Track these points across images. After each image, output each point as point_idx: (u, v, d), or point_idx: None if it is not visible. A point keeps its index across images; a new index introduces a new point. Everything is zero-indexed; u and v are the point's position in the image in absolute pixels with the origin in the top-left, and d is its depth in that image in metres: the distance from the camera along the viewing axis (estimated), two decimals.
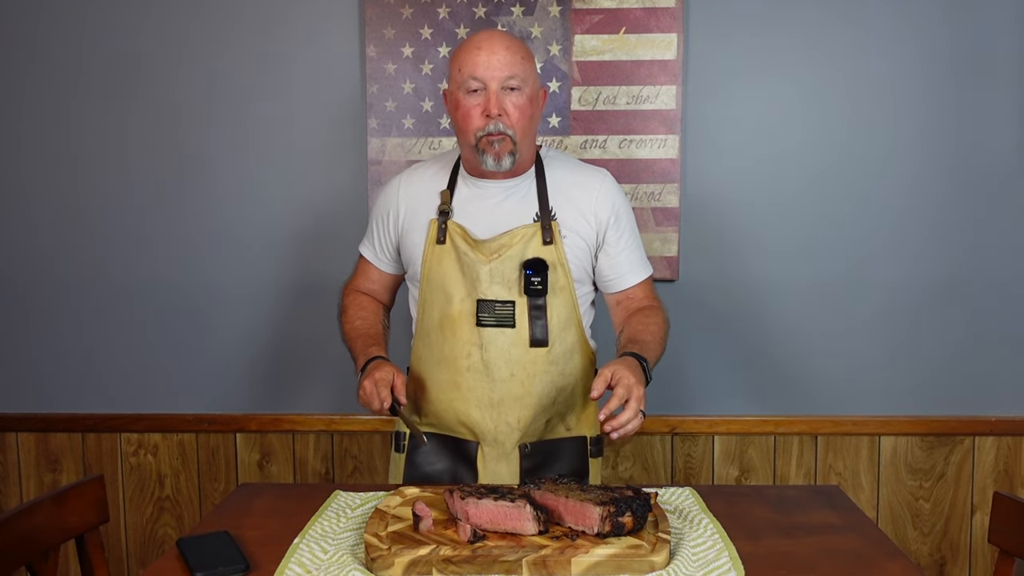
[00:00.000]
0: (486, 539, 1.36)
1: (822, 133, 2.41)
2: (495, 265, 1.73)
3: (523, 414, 1.76)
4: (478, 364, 1.75)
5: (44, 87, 2.46)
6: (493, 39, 1.71)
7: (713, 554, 1.37)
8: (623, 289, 1.84)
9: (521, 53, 1.71)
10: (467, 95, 1.70)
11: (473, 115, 1.70)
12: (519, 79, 1.69)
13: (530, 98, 1.72)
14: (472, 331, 1.75)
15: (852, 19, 2.37)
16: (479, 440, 1.79)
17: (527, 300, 1.74)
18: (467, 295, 1.75)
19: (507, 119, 1.69)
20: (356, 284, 1.95)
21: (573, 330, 1.79)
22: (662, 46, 2.37)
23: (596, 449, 1.86)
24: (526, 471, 1.78)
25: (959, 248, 2.43)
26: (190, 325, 2.51)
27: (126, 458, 2.55)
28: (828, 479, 2.49)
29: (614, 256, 1.81)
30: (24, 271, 2.52)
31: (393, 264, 1.91)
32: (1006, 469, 2.48)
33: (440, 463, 1.83)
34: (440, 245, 1.76)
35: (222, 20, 2.43)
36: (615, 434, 1.53)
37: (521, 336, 1.74)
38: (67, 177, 2.49)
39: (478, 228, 1.76)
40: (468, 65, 1.69)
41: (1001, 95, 2.38)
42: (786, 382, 2.48)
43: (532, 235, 1.74)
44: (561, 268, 1.75)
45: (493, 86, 1.68)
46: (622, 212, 1.82)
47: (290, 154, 2.46)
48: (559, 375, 1.78)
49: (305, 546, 1.41)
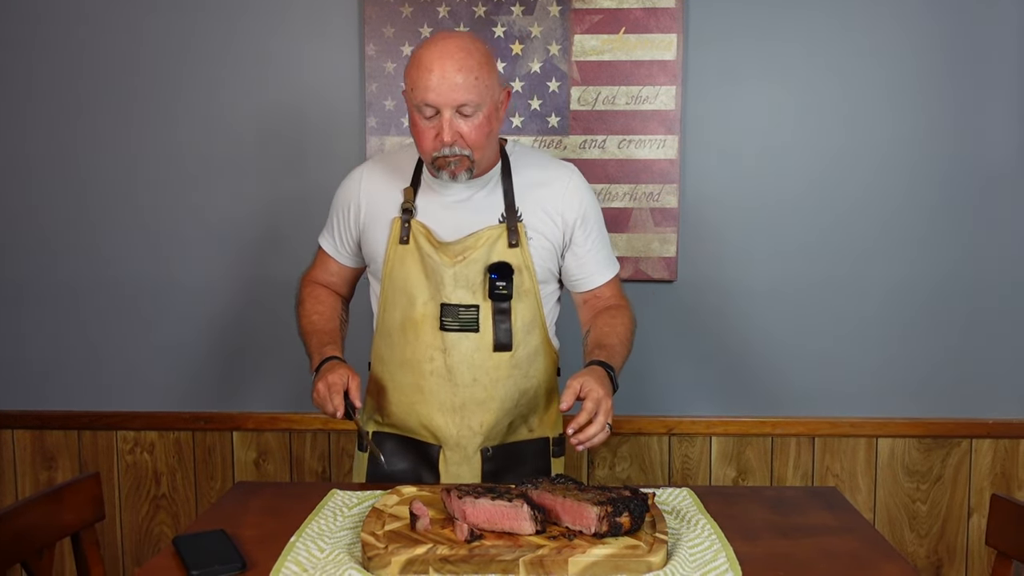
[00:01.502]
0: (483, 538, 1.36)
1: (820, 134, 2.41)
2: (460, 269, 1.70)
3: (486, 418, 1.75)
4: (441, 368, 1.72)
5: (44, 87, 2.45)
6: (445, 60, 1.60)
7: (710, 555, 1.37)
8: (590, 289, 1.82)
9: (476, 71, 1.61)
10: (421, 117, 1.64)
11: (428, 137, 1.64)
12: (473, 104, 1.61)
13: (488, 116, 1.65)
14: (435, 335, 1.72)
15: (850, 21, 2.37)
16: (441, 444, 1.77)
17: (491, 304, 1.71)
18: (430, 298, 1.72)
19: (462, 142, 1.63)
20: (315, 276, 1.91)
21: (537, 333, 1.77)
22: (662, 46, 2.37)
23: (558, 449, 1.86)
24: (488, 474, 1.77)
25: (957, 251, 2.43)
26: (188, 323, 2.51)
27: (122, 456, 2.55)
28: (825, 481, 2.49)
29: (581, 256, 1.79)
30: (19, 268, 2.51)
31: (353, 258, 1.86)
32: (1003, 472, 2.48)
33: (402, 463, 1.80)
34: (403, 245, 1.73)
35: (222, 18, 2.42)
36: (581, 447, 1.53)
37: (485, 340, 1.72)
38: (64, 175, 2.48)
39: (442, 228, 1.73)
40: (420, 88, 1.61)
41: (998, 99, 2.38)
42: (784, 383, 2.48)
43: (497, 237, 1.71)
44: (527, 271, 1.73)
45: (447, 113, 1.61)
46: (589, 211, 1.78)
47: (289, 152, 2.45)
48: (522, 378, 1.76)
49: (302, 545, 1.41)
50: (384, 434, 1.83)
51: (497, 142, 1.75)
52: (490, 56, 1.67)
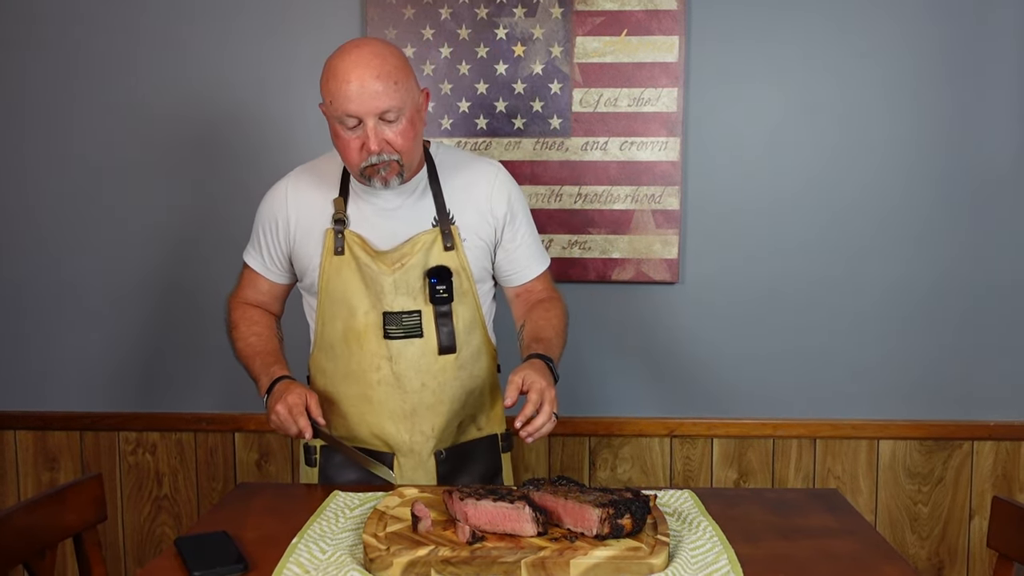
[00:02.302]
0: (485, 540, 1.36)
1: (821, 136, 2.41)
2: (399, 276, 1.70)
3: (436, 422, 1.75)
4: (388, 377, 1.72)
5: (42, 87, 2.46)
6: (361, 68, 1.57)
7: (712, 557, 1.37)
8: (522, 283, 1.84)
9: (394, 76, 1.59)
10: (344, 128, 1.62)
11: (353, 148, 1.62)
12: (396, 110, 1.60)
13: (410, 119, 1.63)
14: (380, 344, 1.71)
15: (850, 23, 2.38)
16: (394, 451, 1.77)
17: (433, 308, 1.71)
18: (371, 307, 1.71)
19: (388, 148, 1.62)
20: (243, 296, 1.87)
21: (478, 332, 1.78)
22: (663, 48, 2.38)
23: (506, 444, 1.88)
24: (443, 476, 1.78)
25: (959, 252, 2.43)
26: (189, 324, 2.51)
27: (124, 457, 2.55)
28: (826, 483, 2.49)
29: (512, 251, 1.80)
30: (22, 269, 2.51)
31: (284, 274, 1.84)
32: (1004, 474, 2.48)
33: (355, 474, 1.79)
34: (339, 256, 1.71)
35: (223, 19, 2.43)
36: (530, 439, 1.54)
37: (429, 345, 1.72)
38: (66, 176, 2.48)
39: (376, 237, 1.72)
40: (340, 99, 1.58)
41: (996, 100, 2.38)
42: (786, 385, 2.48)
43: (433, 241, 1.71)
44: (464, 273, 1.74)
45: (370, 123, 1.59)
46: (517, 206, 1.80)
47: (290, 154, 2.45)
48: (468, 378, 1.77)
49: (304, 546, 1.41)
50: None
51: (421, 144, 1.73)
52: (405, 59, 1.66)
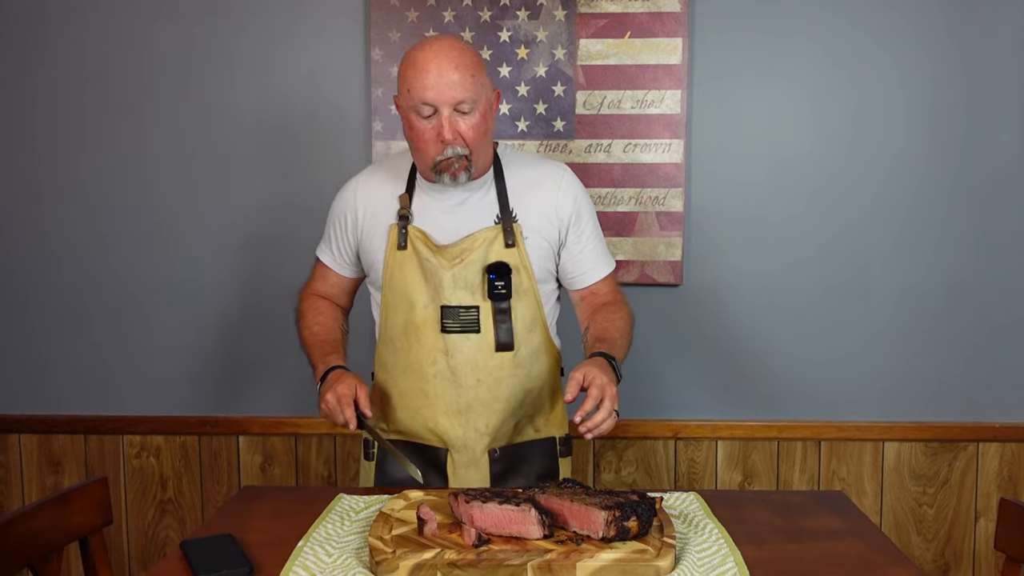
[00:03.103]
0: (491, 543, 1.36)
1: (827, 138, 2.41)
2: (458, 270, 1.71)
3: (491, 419, 1.75)
4: (444, 371, 1.73)
5: (50, 91, 2.46)
6: (441, 58, 1.63)
7: (719, 559, 1.37)
8: (587, 286, 1.83)
9: (471, 69, 1.64)
10: (419, 118, 1.66)
11: (427, 138, 1.66)
12: (470, 102, 1.64)
13: (483, 114, 1.67)
14: (437, 337, 1.73)
15: (857, 24, 2.37)
16: (448, 447, 1.78)
17: (491, 304, 1.72)
18: (430, 301, 1.73)
19: (461, 141, 1.65)
20: (314, 288, 1.92)
21: (538, 332, 1.78)
22: (667, 50, 2.37)
23: (565, 449, 1.86)
24: (496, 475, 1.78)
25: (964, 254, 2.43)
26: (193, 327, 2.51)
27: (128, 460, 2.55)
28: (832, 485, 2.48)
29: (576, 253, 1.80)
30: (26, 272, 2.52)
31: (352, 268, 1.88)
32: (1010, 475, 2.47)
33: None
34: (401, 251, 1.74)
35: (227, 23, 2.43)
36: (590, 435, 1.53)
37: (487, 341, 1.73)
38: (71, 179, 2.49)
39: (439, 232, 1.74)
40: (417, 88, 1.63)
41: (1008, 97, 2.38)
42: (790, 387, 2.47)
43: (494, 238, 1.73)
44: (524, 271, 1.74)
45: (445, 111, 1.63)
46: (583, 208, 1.80)
47: (295, 157, 2.46)
48: (526, 378, 1.77)
49: (309, 549, 1.41)
50: (390, 441, 1.83)
51: (491, 143, 1.76)
52: (480, 57, 1.72)
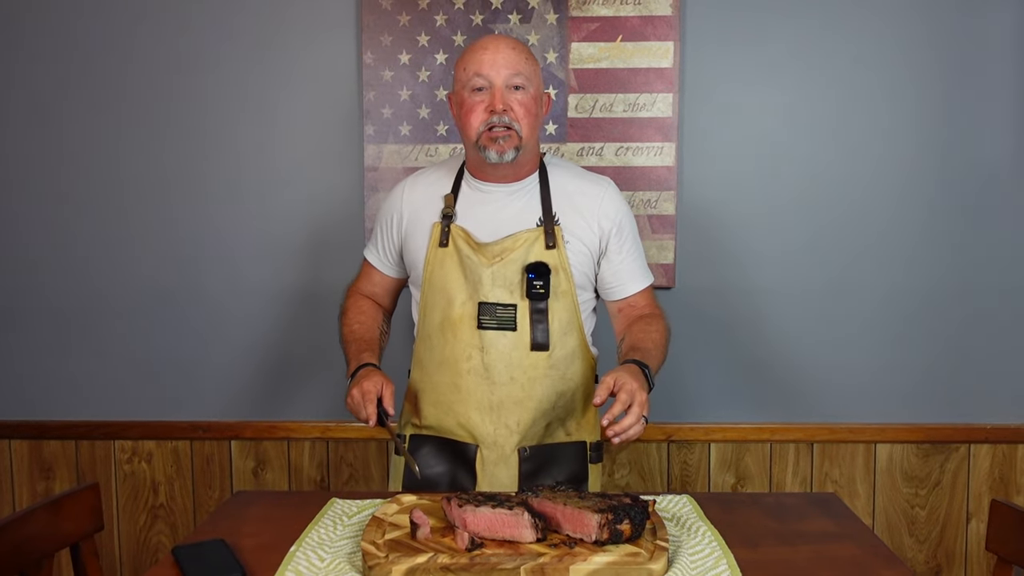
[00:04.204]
0: (484, 547, 1.36)
1: (817, 140, 2.42)
2: (497, 268, 1.74)
3: (523, 417, 1.77)
4: (478, 367, 1.75)
5: (38, 96, 2.45)
6: (498, 40, 1.74)
7: (711, 562, 1.37)
8: (624, 297, 1.86)
9: (525, 54, 1.74)
10: (472, 93, 1.72)
11: (477, 110, 1.72)
12: (524, 77, 1.72)
13: (535, 98, 1.75)
14: (473, 334, 1.75)
15: (846, 28, 2.38)
16: (478, 443, 1.79)
17: (529, 304, 1.75)
18: (468, 298, 1.76)
19: (512, 114, 1.71)
20: (359, 287, 1.98)
21: (574, 335, 1.79)
22: (659, 54, 2.38)
23: (596, 455, 1.86)
24: (525, 475, 1.78)
25: (955, 256, 2.44)
26: (185, 332, 2.50)
27: (120, 466, 2.54)
28: (824, 487, 2.49)
29: (616, 264, 1.83)
30: (17, 278, 2.50)
31: (396, 268, 1.93)
32: (1001, 476, 2.48)
33: (439, 466, 1.83)
34: (443, 248, 1.78)
35: (219, 25, 2.42)
36: (617, 439, 1.53)
37: (522, 340, 1.75)
38: (61, 185, 2.48)
39: (481, 231, 1.77)
40: (473, 63, 1.72)
41: (992, 103, 2.39)
42: (782, 389, 2.48)
43: (535, 239, 1.75)
44: (563, 272, 1.76)
45: (498, 83, 1.70)
46: (625, 221, 1.83)
47: (286, 161, 2.45)
48: (559, 379, 1.78)
49: (302, 554, 1.41)
50: (421, 437, 1.85)
51: (539, 141, 1.82)
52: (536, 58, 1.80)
